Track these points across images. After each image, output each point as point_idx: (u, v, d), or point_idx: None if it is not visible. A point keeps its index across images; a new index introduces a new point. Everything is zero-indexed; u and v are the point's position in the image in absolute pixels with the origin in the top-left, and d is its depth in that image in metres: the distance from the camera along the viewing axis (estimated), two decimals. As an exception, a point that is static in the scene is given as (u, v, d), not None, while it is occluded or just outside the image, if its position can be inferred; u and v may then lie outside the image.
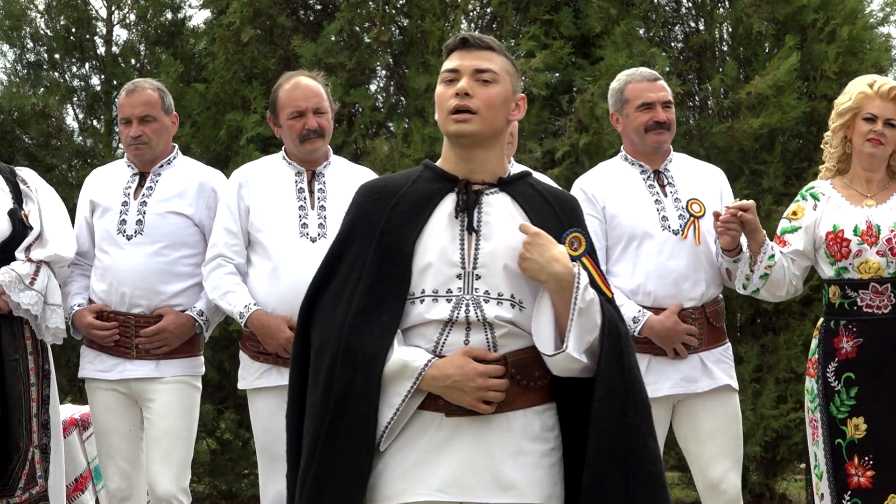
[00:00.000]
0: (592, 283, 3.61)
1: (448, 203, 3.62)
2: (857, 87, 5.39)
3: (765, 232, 5.42)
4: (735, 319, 9.03)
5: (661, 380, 5.49)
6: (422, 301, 3.56)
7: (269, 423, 5.41)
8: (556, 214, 3.67)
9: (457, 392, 3.50)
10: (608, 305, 3.62)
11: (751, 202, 5.39)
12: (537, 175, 3.95)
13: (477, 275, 3.57)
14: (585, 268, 3.61)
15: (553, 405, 3.63)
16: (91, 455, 6.50)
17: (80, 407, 6.84)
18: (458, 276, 3.56)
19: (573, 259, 3.59)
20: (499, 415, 3.54)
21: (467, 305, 3.55)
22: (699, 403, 5.54)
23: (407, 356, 3.51)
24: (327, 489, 3.50)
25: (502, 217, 3.62)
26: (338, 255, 3.65)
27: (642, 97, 5.61)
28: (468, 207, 3.60)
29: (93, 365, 5.74)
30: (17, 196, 5.63)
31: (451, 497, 3.52)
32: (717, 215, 5.40)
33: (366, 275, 3.56)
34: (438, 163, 3.71)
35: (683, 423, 5.59)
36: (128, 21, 9.81)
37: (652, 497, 3.54)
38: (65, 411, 6.65)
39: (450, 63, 3.64)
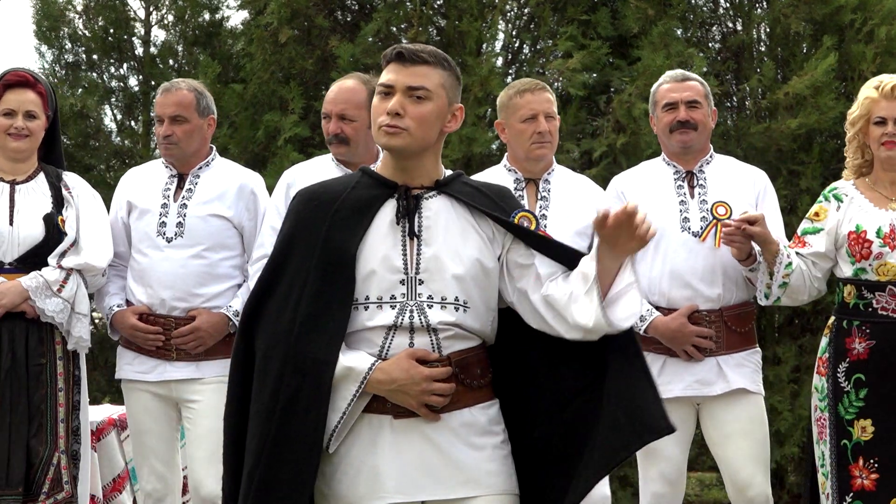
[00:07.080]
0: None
1: (388, 209, 3.67)
2: (864, 93, 5.36)
3: (778, 241, 5.37)
4: (773, 320, 9.01)
5: (674, 380, 5.48)
6: (366, 308, 3.61)
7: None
8: (496, 203, 3.73)
9: (402, 395, 3.57)
10: None
11: (759, 214, 5.36)
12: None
13: (420, 280, 3.63)
14: None
15: (497, 401, 3.72)
16: (129, 455, 6.51)
17: (118, 407, 6.85)
18: (402, 282, 3.62)
19: None
20: (445, 413, 3.61)
21: (411, 311, 3.61)
22: (719, 406, 5.51)
23: (351, 361, 3.57)
24: (272, 494, 3.54)
25: (442, 220, 3.68)
26: (280, 263, 3.69)
27: (666, 98, 5.63)
28: (408, 213, 3.66)
29: (131, 366, 5.73)
30: (59, 201, 5.55)
31: (410, 497, 3.59)
32: (726, 226, 5.38)
33: (311, 282, 3.60)
34: (377, 168, 3.76)
35: (708, 426, 5.57)
36: (166, 22, 9.86)
37: None
38: (104, 411, 6.68)
39: (385, 76, 3.67)
